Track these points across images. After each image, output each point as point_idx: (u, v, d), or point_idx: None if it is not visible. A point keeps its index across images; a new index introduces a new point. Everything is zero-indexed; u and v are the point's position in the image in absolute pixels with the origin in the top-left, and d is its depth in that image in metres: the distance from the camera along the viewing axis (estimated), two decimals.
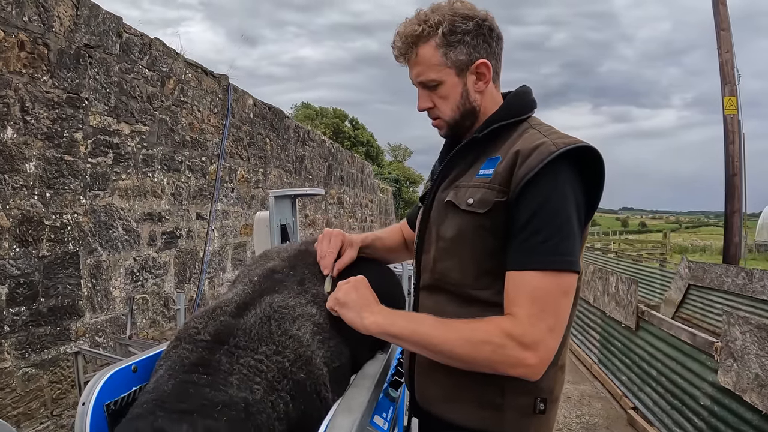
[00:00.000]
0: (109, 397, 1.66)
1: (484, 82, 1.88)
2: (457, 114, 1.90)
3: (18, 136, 4.65)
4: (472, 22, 1.82)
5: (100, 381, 1.65)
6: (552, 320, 1.60)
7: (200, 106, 7.81)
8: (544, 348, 1.59)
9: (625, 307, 7.47)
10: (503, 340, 1.59)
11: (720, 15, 11.98)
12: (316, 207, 14.55)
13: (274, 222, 5.38)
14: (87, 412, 1.57)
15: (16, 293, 4.63)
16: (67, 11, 5.09)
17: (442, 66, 1.83)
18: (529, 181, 1.62)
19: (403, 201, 38.86)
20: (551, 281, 1.60)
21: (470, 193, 1.76)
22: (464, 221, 1.76)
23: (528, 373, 1.61)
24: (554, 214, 1.60)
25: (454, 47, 1.81)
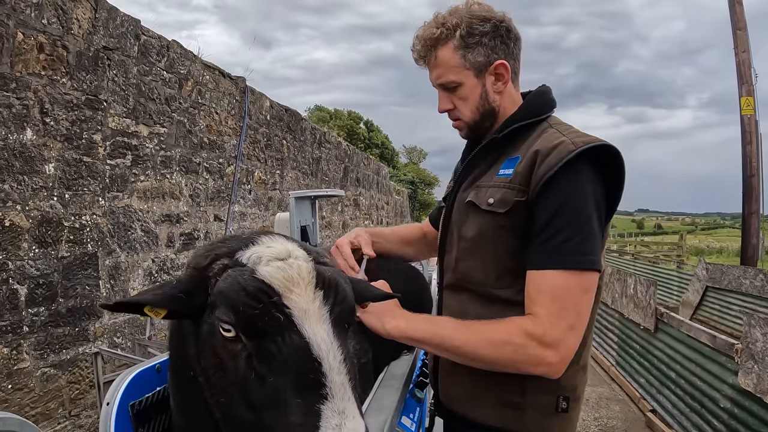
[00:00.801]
0: (134, 397, 1.66)
1: (502, 82, 1.89)
2: (476, 115, 1.91)
3: (37, 138, 4.69)
4: (489, 24, 1.83)
5: (125, 381, 1.65)
6: (572, 318, 1.61)
7: (218, 108, 7.84)
8: (564, 346, 1.60)
9: (643, 308, 7.42)
10: (524, 340, 1.59)
11: (736, 14, 11.86)
12: (332, 209, 14.57)
13: (295, 223, 5.39)
14: (112, 412, 1.57)
15: (35, 294, 4.67)
16: (85, 14, 5.13)
17: (461, 68, 1.84)
18: (549, 180, 1.62)
19: (418, 203, 38.83)
20: (572, 280, 1.60)
21: (490, 193, 1.77)
22: (485, 221, 1.77)
23: (549, 371, 1.62)
24: (575, 214, 1.61)
25: (473, 49, 1.83)
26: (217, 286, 1.34)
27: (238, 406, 1.30)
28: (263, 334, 1.27)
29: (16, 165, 4.49)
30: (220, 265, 1.39)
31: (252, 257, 1.38)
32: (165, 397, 1.76)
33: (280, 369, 1.25)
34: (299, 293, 1.32)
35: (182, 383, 1.55)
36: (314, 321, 1.31)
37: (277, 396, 1.24)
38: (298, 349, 1.26)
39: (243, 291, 1.29)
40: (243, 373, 1.28)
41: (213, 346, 1.32)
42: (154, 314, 1.32)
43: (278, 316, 1.28)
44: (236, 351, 1.29)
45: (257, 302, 1.27)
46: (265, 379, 1.25)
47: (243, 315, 1.26)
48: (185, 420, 1.60)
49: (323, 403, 1.21)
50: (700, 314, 10.21)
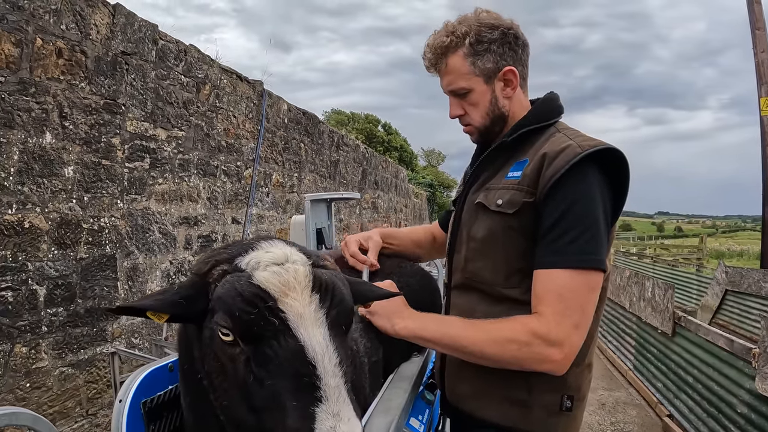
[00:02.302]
0: (146, 395, 1.70)
1: (511, 88, 1.96)
2: (487, 120, 1.98)
3: (56, 141, 4.77)
4: (497, 31, 1.90)
5: (137, 379, 1.69)
6: (578, 317, 1.66)
7: (235, 111, 7.91)
8: (569, 344, 1.66)
9: (661, 312, 7.37)
10: (529, 338, 1.65)
11: (755, 14, 11.72)
12: (350, 211, 14.60)
13: (310, 225, 5.41)
14: (124, 409, 1.61)
15: (54, 294, 4.75)
16: (103, 19, 5.21)
17: (470, 74, 1.91)
18: (557, 182, 1.69)
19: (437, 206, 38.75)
20: (578, 279, 1.67)
21: (499, 195, 1.84)
22: (494, 222, 1.84)
23: (554, 368, 1.67)
24: (582, 215, 1.67)
25: (482, 56, 1.89)
26: (216, 292, 1.38)
27: (240, 409, 1.34)
28: (259, 339, 1.31)
29: (36, 168, 4.57)
30: (220, 270, 1.43)
31: (250, 262, 1.42)
32: (176, 396, 1.81)
33: (277, 372, 1.28)
34: (295, 297, 1.35)
35: (191, 384, 1.59)
36: (309, 324, 1.34)
37: (274, 399, 1.28)
38: (293, 352, 1.29)
39: (239, 296, 1.33)
40: (242, 376, 1.32)
41: (214, 350, 1.37)
42: (157, 318, 1.37)
43: (273, 320, 1.31)
44: (235, 354, 1.33)
45: (253, 307, 1.31)
46: (263, 382, 1.29)
47: (239, 320, 1.30)
48: (195, 419, 1.65)
49: (318, 405, 1.24)
50: (719, 318, 10.10)
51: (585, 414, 6.41)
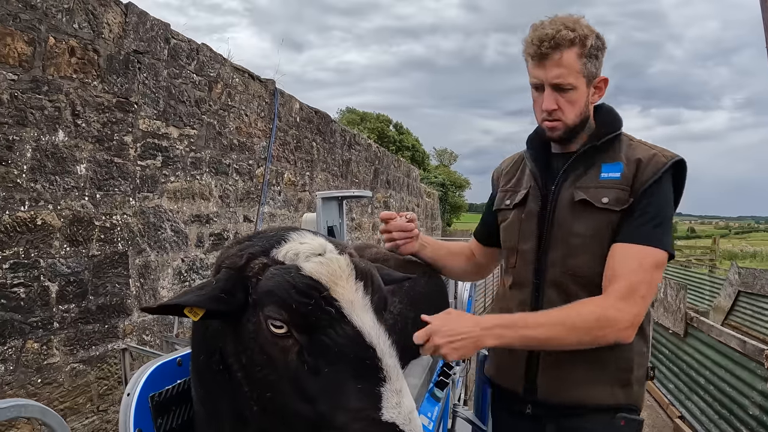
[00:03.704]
0: (154, 389, 1.71)
1: (599, 95, 2.14)
2: (578, 120, 2.10)
3: (69, 139, 4.80)
4: (602, 41, 2.06)
5: (146, 373, 1.71)
6: (644, 290, 1.91)
7: (247, 110, 7.93)
8: (637, 314, 1.89)
9: (673, 313, 7.34)
10: (606, 316, 1.86)
11: None
12: (362, 210, 14.62)
13: (321, 223, 5.42)
14: (132, 402, 1.62)
15: (66, 291, 4.78)
16: (116, 18, 5.24)
17: (579, 74, 2.02)
18: (651, 184, 1.97)
19: (449, 205, 38.69)
20: (651, 256, 1.92)
21: (603, 193, 2.03)
22: (600, 218, 2.04)
23: (622, 336, 1.89)
24: (662, 212, 1.98)
25: (591, 60, 2.03)
26: (263, 285, 1.39)
27: (289, 399, 1.36)
28: (315, 328, 1.35)
29: (48, 165, 4.61)
30: (259, 264, 1.44)
31: (289, 254, 1.45)
32: (184, 390, 1.82)
33: (336, 359, 1.33)
34: (343, 286, 1.40)
35: (206, 378, 1.60)
36: (360, 311, 1.39)
37: (333, 385, 1.32)
38: (352, 338, 1.34)
39: (293, 288, 1.36)
40: (294, 367, 1.34)
41: (260, 344, 1.38)
42: (193, 315, 1.39)
43: (329, 309, 1.36)
44: (287, 346, 1.35)
45: (309, 298, 1.35)
46: (319, 370, 1.33)
47: (296, 312, 1.34)
48: (207, 412, 1.65)
49: (382, 385, 1.31)
50: (732, 319, 10.05)
51: None
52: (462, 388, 5.53)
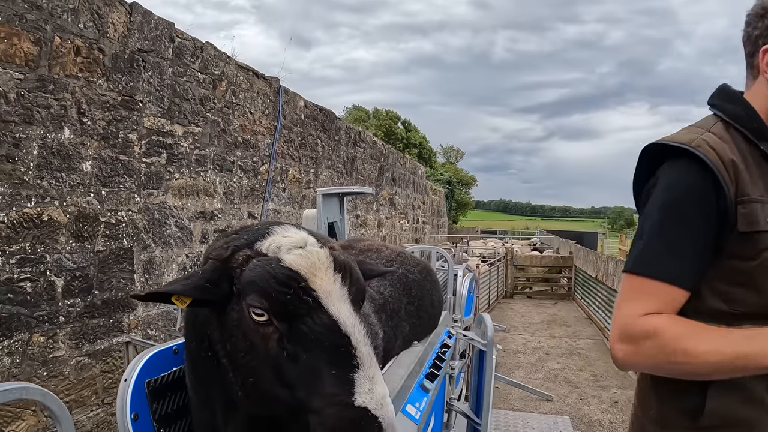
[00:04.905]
0: (150, 375, 1.79)
1: None
2: None
3: (75, 137, 4.88)
4: None
5: (143, 359, 1.79)
6: None
7: (252, 107, 8.00)
8: None
9: None
10: None
11: None
12: (367, 207, 14.67)
13: (322, 220, 5.48)
14: (128, 387, 1.70)
15: (71, 286, 4.87)
16: (120, 17, 5.32)
17: None
18: None
19: (455, 203, 38.68)
20: None
21: None
22: None
23: None
24: None
25: None
26: (246, 276, 1.47)
27: (270, 384, 1.45)
28: (294, 316, 1.43)
29: (54, 163, 4.69)
30: (243, 256, 1.52)
31: (271, 247, 1.53)
32: (180, 377, 1.90)
33: (313, 346, 1.41)
34: (321, 277, 1.48)
35: (197, 364, 1.70)
36: (337, 301, 1.47)
37: (310, 371, 1.40)
38: (328, 327, 1.42)
39: (273, 279, 1.44)
40: (275, 354, 1.43)
41: (243, 331, 1.47)
42: (180, 303, 1.47)
43: (307, 299, 1.44)
44: (267, 334, 1.44)
45: (288, 288, 1.43)
46: (297, 356, 1.41)
47: (276, 300, 1.42)
48: (200, 398, 1.74)
49: (355, 372, 1.39)
50: None
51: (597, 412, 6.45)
52: (464, 384, 5.58)
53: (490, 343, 3.51)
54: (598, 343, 11.32)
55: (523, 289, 18.79)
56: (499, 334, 11.50)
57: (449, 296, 5.03)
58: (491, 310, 14.57)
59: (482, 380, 3.70)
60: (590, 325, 13.27)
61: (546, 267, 18.60)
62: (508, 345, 10.96)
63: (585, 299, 15.20)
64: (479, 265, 13.69)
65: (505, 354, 10.19)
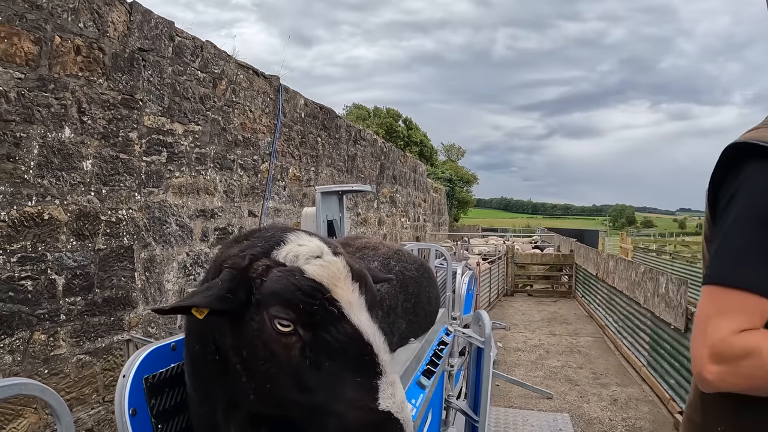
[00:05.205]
0: (148, 371, 1.81)
1: None
2: None
3: (75, 136, 4.91)
4: None
5: (141, 356, 1.81)
6: None
7: (252, 106, 8.02)
8: None
9: (674, 308, 7.37)
10: None
11: None
12: (368, 205, 14.68)
13: (321, 217, 5.49)
14: (126, 383, 1.73)
15: (72, 284, 4.89)
16: (120, 17, 5.34)
17: None
18: None
19: (456, 200, 38.65)
20: None
21: None
22: None
23: None
24: None
25: None
26: (268, 287, 1.51)
27: (288, 390, 1.50)
28: (318, 326, 1.47)
29: (55, 161, 4.71)
30: (262, 266, 1.55)
31: (289, 255, 1.57)
32: (178, 374, 1.92)
33: (337, 354, 1.46)
34: (342, 287, 1.53)
35: (200, 365, 1.71)
36: (358, 310, 1.53)
37: (333, 377, 1.46)
38: (352, 336, 1.48)
39: (299, 291, 1.48)
40: (297, 362, 1.47)
41: (263, 341, 1.50)
42: (199, 314, 1.50)
43: (332, 309, 1.48)
44: (290, 343, 1.48)
45: (314, 299, 1.47)
46: (320, 364, 1.46)
47: (303, 311, 1.47)
48: (199, 396, 1.77)
49: (379, 378, 1.46)
50: None
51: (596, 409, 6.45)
52: (464, 382, 5.60)
53: (488, 340, 3.52)
54: (598, 340, 11.32)
55: (523, 286, 18.78)
56: (500, 332, 11.52)
57: (448, 294, 5.04)
58: (492, 308, 14.57)
59: (480, 377, 3.71)
60: (591, 322, 13.27)
61: (547, 265, 18.58)
62: (509, 343, 10.97)
63: (586, 297, 15.20)
64: (479, 263, 13.70)
65: (505, 351, 10.20)
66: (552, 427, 6.61)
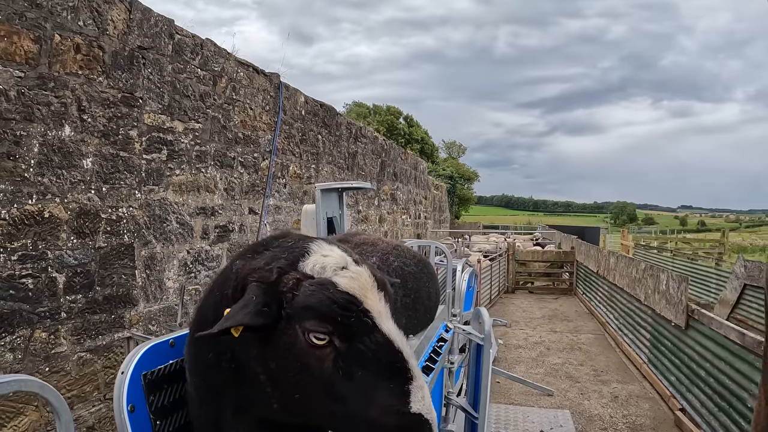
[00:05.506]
0: (147, 368, 1.82)
1: None
2: None
3: (75, 134, 4.91)
4: None
5: (139, 352, 1.81)
6: None
7: (252, 103, 8.02)
8: None
9: (675, 305, 7.37)
10: None
11: None
12: (369, 203, 14.68)
13: (321, 214, 5.48)
14: (125, 380, 1.73)
15: (73, 282, 4.90)
16: (120, 15, 5.34)
17: None
18: None
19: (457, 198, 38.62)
20: None
21: None
22: None
23: None
24: None
25: None
26: (301, 301, 1.54)
27: (320, 400, 1.55)
28: (354, 337, 1.53)
29: (55, 160, 4.72)
30: (292, 279, 1.58)
31: (316, 267, 1.60)
32: (177, 370, 1.92)
33: (370, 363, 1.52)
34: (371, 298, 1.59)
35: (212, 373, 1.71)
36: (386, 319, 1.59)
37: (367, 385, 1.52)
38: (383, 345, 1.54)
39: (335, 304, 1.52)
40: (330, 373, 1.52)
41: (295, 354, 1.53)
42: (235, 332, 1.52)
43: (367, 320, 1.54)
44: (324, 355, 1.52)
45: (350, 312, 1.52)
46: (353, 374, 1.52)
47: (341, 324, 1.51)
48: (200, 398, 1.78)
49: (410, 383, 1.53)
50: (737, 313, 10.01)
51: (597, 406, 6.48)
52: (464, 379, 5.60)
53: (487, 336, 3.53)
54: (599, 338, 11.33)
55: (524, 284, 18.79)
56: (501, 329, 11.52)
57: (448, 291, 5.04)
58: (493, 305, 14.58)
59: (480, 374, 3.72)
60: (592, 319, 13.28)
61: (548, 262, 18.58)
62: (510, 340, 10.98)
63: (587, 294, 15.20)
64: (480, 260, 13.70)
65: (506, 348, 10.21)
66: (553, 423, 6.62)
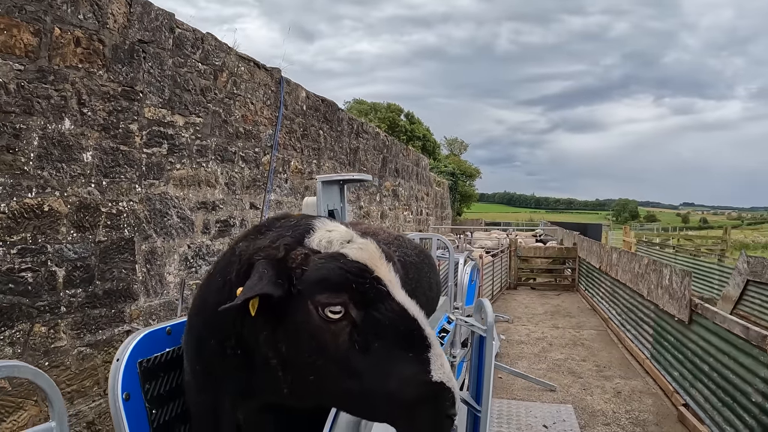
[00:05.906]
0: (143, 355, 1.79)
1: None
2: None
3: (75, 128, 4.89)
4: None
5: (135, 340, 1.79)
6: None
7: (253, 98, 8.00)
8: None
9: (678, 300, 7.35)
10: None
11: None
12: (370, 198, 14.66)
13: (322, 207, 5.46)
14: (120, 367, 1.71)
15: (72, 276, 4.88)
16: (120, 8, 5.31)
17: None
18: None
19: (459, 194, 38.58)
20: None
21: None
22: None
23: None
24: None
25: None
26: (312, 275, 1.53)
27: (336, 378, 1.52)
28: (369, 305, 1.51)
29: (55, 153, 4.70)
30: (301, 255, 1.57)
31: (322, 242, 1.60)
32: (174, 358, 1.89)
33: (386, 332, 1.50)
34: (381, 267, 1.57)
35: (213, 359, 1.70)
36: (397, 288, 1.57)
37: (384, 357, 1.49)
38: (399, 312, 1.52)
39: (348, 273, 1.51)
40: (346, 348, 1.50)
41: (310, 332, 1.52)
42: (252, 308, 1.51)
43: (380, 287, 1.53)
44: (338, 329, 1.50)
45: (364, 279, 1.51)
46: (369, 346, 1.50)
47: (355, 291, 1.50)
48: (198, 386, 1.75)
49: (429, 351, 1.50)
50: (740, 309, 9.99)
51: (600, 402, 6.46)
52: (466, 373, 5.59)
53: (490, 328, 3.50)
54: (601, 333, 11.31)
55: (526, 280, 18.78)
56: (503, 325, 11.51)
57: (450, 284, 5.02)
58: (495, 301, 14.56)
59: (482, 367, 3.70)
60: (594, 315, 13.26)
61: (550, 258, 18.56)
62: (512, 335, 10.96)
63: (589, 290, 15.19)
64: (482, 255, 13.69)
65: (508, 344, 10.19)
66: (555, 418, 6.60)
